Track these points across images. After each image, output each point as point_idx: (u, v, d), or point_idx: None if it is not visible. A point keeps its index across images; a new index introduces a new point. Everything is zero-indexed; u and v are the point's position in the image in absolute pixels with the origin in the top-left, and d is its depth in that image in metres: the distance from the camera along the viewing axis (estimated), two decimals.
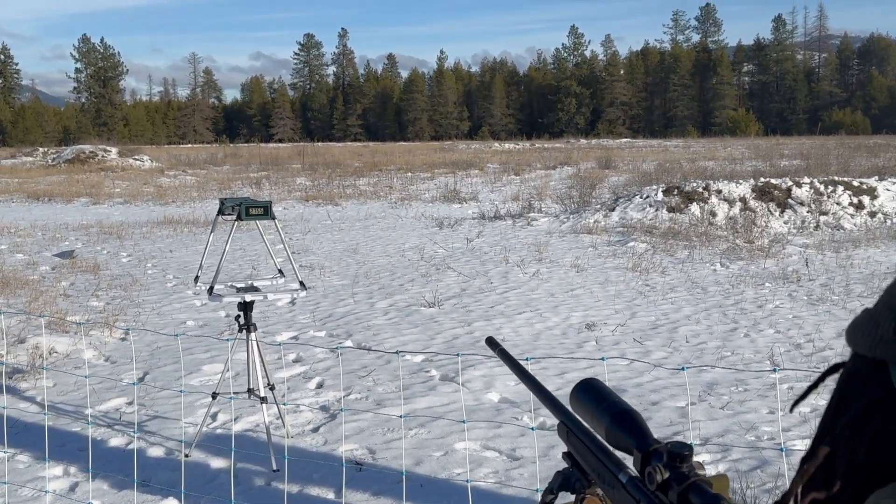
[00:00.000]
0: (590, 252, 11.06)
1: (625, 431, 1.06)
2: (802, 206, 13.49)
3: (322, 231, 14.10)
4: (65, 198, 21.57)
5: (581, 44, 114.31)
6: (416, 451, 4.36)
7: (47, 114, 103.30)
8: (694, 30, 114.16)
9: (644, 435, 1.05)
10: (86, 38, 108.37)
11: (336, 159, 37.37)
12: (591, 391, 1.15)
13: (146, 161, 36.48)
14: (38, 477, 4.12)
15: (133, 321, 7.54)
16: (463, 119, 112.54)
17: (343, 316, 7.66)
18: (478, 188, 22.14)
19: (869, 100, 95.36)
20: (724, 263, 9.93)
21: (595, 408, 1.12)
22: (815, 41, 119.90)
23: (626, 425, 1.07)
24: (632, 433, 1.06)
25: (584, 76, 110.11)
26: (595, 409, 1.12)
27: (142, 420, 4.95)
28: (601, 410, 1.11)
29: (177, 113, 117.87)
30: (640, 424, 1.07)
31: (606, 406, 1.11)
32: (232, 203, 4.24)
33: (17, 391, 5.54)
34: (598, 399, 1.13)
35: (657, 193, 14.43)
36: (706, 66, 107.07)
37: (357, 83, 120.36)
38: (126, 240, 13.21)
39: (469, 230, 13.60)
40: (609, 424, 1.09)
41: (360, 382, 5.58)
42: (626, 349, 6.29)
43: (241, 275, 9.70)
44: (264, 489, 3.98)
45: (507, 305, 7.94)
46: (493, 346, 1.46)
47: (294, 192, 21.94)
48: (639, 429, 1.06)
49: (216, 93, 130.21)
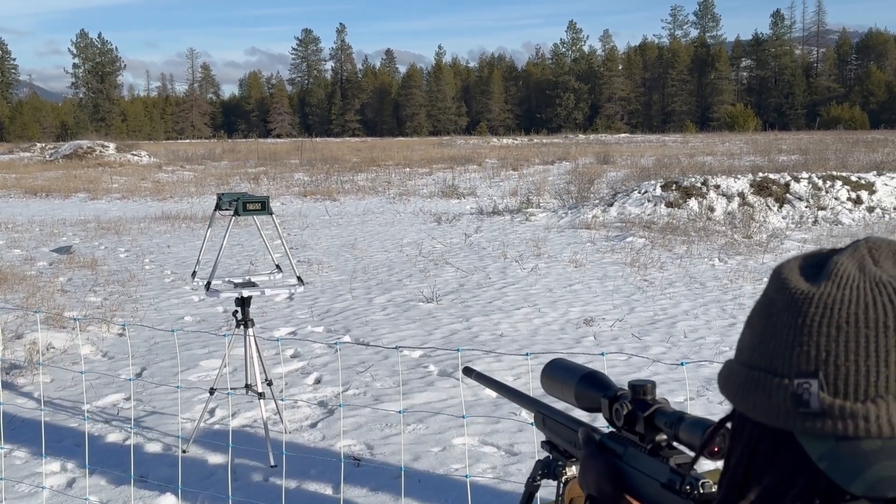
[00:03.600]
0: (588, 247, 11.06)
1: (591, 387, 1.15)
2: (801, 201, 13.49)
3: (320, 226, 14.08)
4: (62, 193, 21.52)
5: (579, 39, 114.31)
6: (415, 446, 4.35)
7: (45, 109, 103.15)
8: (692, 25, 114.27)
9: (608, 386, 1.14)
10: (83, 33, 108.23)
11: (334, 155, 37.33)
12: (558, 366, 1.25)
13: (144, 156, 36.43)
14: (35, 473, 4.11)
15: (130, 317, 7.53)
16: (461, 114, 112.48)
17: (341, 311, 7.65)
18: (476, 183, 22.12)
19: (867, 95, 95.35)
20: (723, 258, 9.93)
21: (564, 377, 1.21)
22: (813, 36, 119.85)
23: (591, 382, 1.16)
24: (598, 387, 1.14)
25: (583, 71, 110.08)
26: (564, 378, 1.21)
27: (139, 416, 4.94)
28: (569, 377, 1.20)
29: (175, 108, 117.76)
30: (604, 379, 1.16)
31: (572, 373, 1.20)
32: (229, 198, 4.23)
33: (14, 387, 5.52)
34: (564, 370, 1.23)
35: (655, 188, 14.42)
36: (704, 61, 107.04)
37: (355, 78, 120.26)
38: (124, 235, 13.19)
39: (467, 225, 13.59)
40: (577, 387, 1.17)
41: (358, 378, 5.57)
42: (625, 344, 6.29)
43: (238, 270, 9.69)
44: (262, 485, 3.97)
45: (505, 301, 7.93)
46: (470, 373, 1.61)
47: (292, 188, 21.92)
48: (602, 383, 1.15)
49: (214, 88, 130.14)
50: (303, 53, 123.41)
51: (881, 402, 0.65)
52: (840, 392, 0.66)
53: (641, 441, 1.04)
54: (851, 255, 0.72)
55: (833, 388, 0.67)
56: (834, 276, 0.70)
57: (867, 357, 0.66)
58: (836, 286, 0.69)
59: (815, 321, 0.69)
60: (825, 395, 0.67)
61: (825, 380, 0.67)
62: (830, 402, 0.66)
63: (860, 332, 0.67)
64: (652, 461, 1.01)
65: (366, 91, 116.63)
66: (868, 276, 0.69)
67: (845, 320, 0.67)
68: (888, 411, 0.64)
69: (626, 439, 1.07)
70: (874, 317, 0.67)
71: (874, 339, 0.66)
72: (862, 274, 0.70)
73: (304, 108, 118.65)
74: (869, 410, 0.65)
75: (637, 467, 1.03)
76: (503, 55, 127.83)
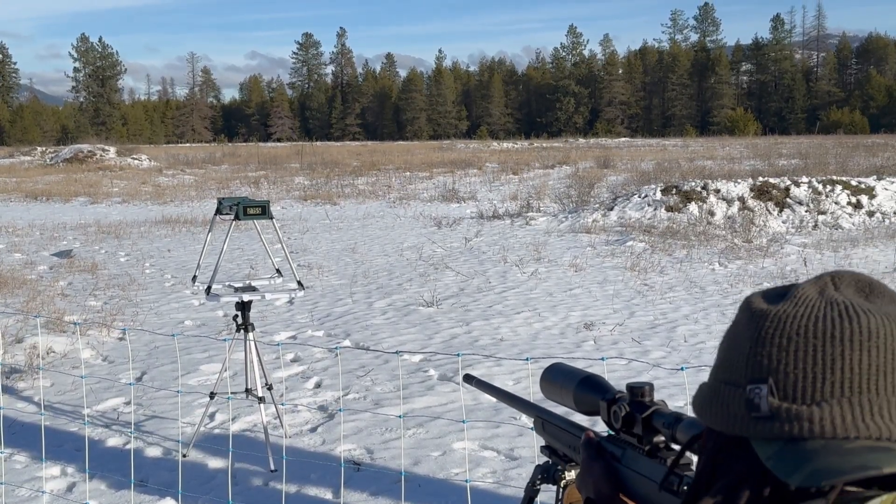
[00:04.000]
0: (588, 251, 11.06)
1: (589, 390, 1.16)
2: (801, 206, 13.50)
3: (320, 230, 14.09)
4: (63, 197, 21.54)
5: (579, 43, 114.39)
6: (415, 450, 4.35)
7: (45, 113, 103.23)
8: (692, 29, 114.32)
9: (606, 388, 1.15)
10: (84, 37, 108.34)
11: (334, 159, 37.34)
12: (557, 370, 1.26)
13: (144, 160, 36.45)
14: (35, 477, 4.11)
15: (131, 321, 7.53)
16: (461, 118, 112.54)
17: (341, 315, 7.65)
18: (476, 187, 22.13)
19: (867, 99, 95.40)
20: (723, 263, 9.93)
21: (563, 381, 1.23)
22: (813, 40, 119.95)
23: (590, 386, 1.17)
24: (595, 390, 1.16)
25: (583, 75, 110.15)
26: (562, 382, 1.22)
27: (139, 420, 4.94)
28: (568, 381, 1.21)
29: (175, 112, 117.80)
30: (602, 382, 1.17)
31: (571, 377, 1.21)
32: (230, 202, 4.23)
33: (14, 391, 5.52)
34: (564, 374, 1.24)
35: (655, 193, 14.42)
36: (704, 65, 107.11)
37: (355, 83, 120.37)
38: (124, 239, 13.19)
39: (467, 230, 13.59)
40: (575, 390, 1.19)
41: (358, 382, 5.57)
42: (625, 349, 6.29)
43: (239, 274, 9.69)
44: (262, 489, 3.97)
45: (505, 305, 7.93)
46: (470, 380, 1.63)
47: (292, 192, 21.92)
48: (600, 386, 1.17)
49: (214, 92, 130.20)
50: (303, 57, 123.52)
51: (825, 406, 0.70)
52: (788, 396, 0.72)
53: (640, 443, 1.05)
54: (814, 283, 0.78)
55: (782, 392, 0.73)
56: (793, 298, 0.77)
57: (814, 364, 0.72)
58: (792, 305, 0.76)
59: (769, 333, 0.75)
60: (774, 399, 0.73)
61: (775, 385, 0.73)
62: (778, 406, 0.72)
63: (808, 341, 0.72)
64: (650, 462, 1.02)
65: (366, 95, 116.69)
66: (825, 298, 0.75)
67: (796, 332, 0.73)
68: (831, 413, 0.70)
69: (625, 441, 1.08)
70: (822, 328, 0.72)
71: (821, 347, 0.72)
72: (820, 296, 0.76)
73: (304, 112, 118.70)
74: (813, 413, 0.70)
75: (635, 469, 1.03)
76: (503, 59, 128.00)
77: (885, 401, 0.70)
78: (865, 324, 0.72)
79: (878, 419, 0.69)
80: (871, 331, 0.71)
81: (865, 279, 0.78)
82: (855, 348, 0.71)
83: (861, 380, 0.70)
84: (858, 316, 0.72)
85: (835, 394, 0.71)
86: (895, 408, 0.70)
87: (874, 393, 0.70)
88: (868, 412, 0.69)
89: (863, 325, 0.72)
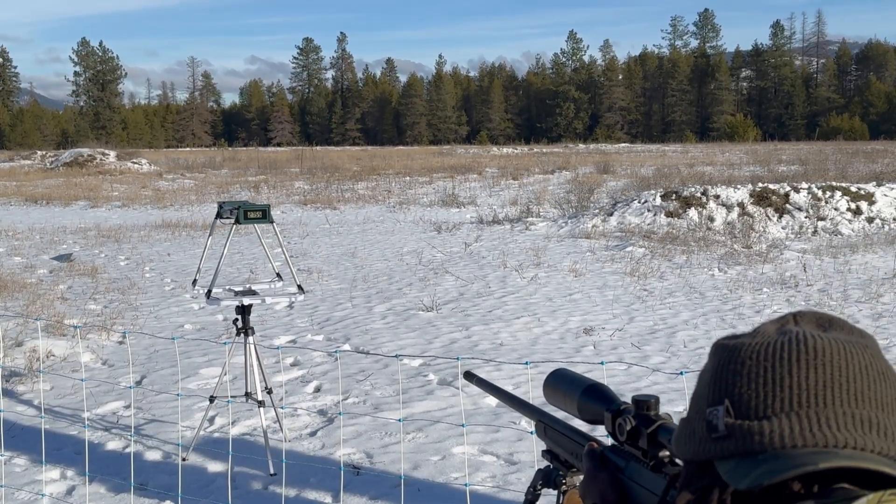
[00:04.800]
0: (588, 257, 11.07)
1: (594, 400, 1.16)
2: (800, 212, 13.51)
3: (320, 235, 14.10)
4: (63, 201, 21.55)
5: (579, 49, 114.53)
6: (414, 455, 4.36)
7: (45, 117, 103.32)
8: (692, 35, 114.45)
9: (612, 399, 1.14)
10: (85, 41, 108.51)
11: (334, 163, 37.37)
12: (562, 376, 1.25)
13: (144, 164, 36.47)
14: (34, 480, 4.12)
15: (131, 324, 7.53)
16: (461, 123, 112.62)
17: (341, 320, 7.66)
18: (476, 192, 22.14)
19: (867, 105, 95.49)
20: (722, 268, 9.94)
21: (567, 388, 1.22)
22: (813, 47, 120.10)
23: (595, 395, 1.16)
24: (601, 400, 1.15)
25: (583, 81, 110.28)
26: (567, 390, 1.21)
27: (139, 423, 4.94)
28: (572, 389, 1.20)
29: (175, 116, 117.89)
30: (607, 392, 1.16)
31: (576, 384, 1.20)
32: (230, 206, 4.24)
33: (14, 394, 5.53)
34: (568, 381, 1.23)
35: (655, 198, 14.44)
36: (704, 71, 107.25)
37: (356, 87, 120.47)
38: (124, 243, 13.20)
39: (467, 234, 13.60)
40: (580, 399, 1.17)
41: (357, 386, 5.58)
42: (624, 354, 6.29)
43: (239, 278, 9.70)
44: (261, 493, 3.97)
45: (505, 310, 7.94)
46: (471, 378, 1.61)
47: (292, 196, 21.94)
48: (606, 396, 1.15)
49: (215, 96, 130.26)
50: (303, 62, 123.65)
51: (774, 419, 0.74)
52: (742, 413, 0.77)
53: (644, 456, 1.03)
54: (777, 321, 0.84)
55: (736, 411, 0.77)
56: (754, 333, 0.82)
57: (765, 383, 0.76)
58: (751, 338, 0.81)
59: (727, 361, 0.80)
60: (729, 418, 0.77)
61: (731, 405, 0.78)
62: (732, 423, 0.77)
63: (759, 363, 0.78)
64: (654, 477, 1.01)
65: (366, 100, 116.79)
66: (782, 331, 0.81)
67: (748, 356, 0.79)
68: (780, 426, 0.74)
69: (629, 453, 1.07)
70: (772, 351, 0.77)
71: (771, 367, 0.77)
72: (778, 330, 0.81)
73: (304, 117, 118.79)
74: (763, 426, 0.74)
75: (639, 482, 1.03)
76: (503, 65, 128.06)
77: (831, 412, 0.73)
78: (812, 345, 0.76)
79: (826, 429, 0.72)
80: (818, 350, 0.76)
81: (827, 317, 0.83)
82: (802, 366, 0.75)
83: (808, 394, 0.74)
84: (807, 339, 0.77)
85: (784, 408, 0.74)
86: (842, 418, 0.73)
87: (822, 405, 0.74)
88: (815, 423, 0.73)
89: (809, 346, 0.76)
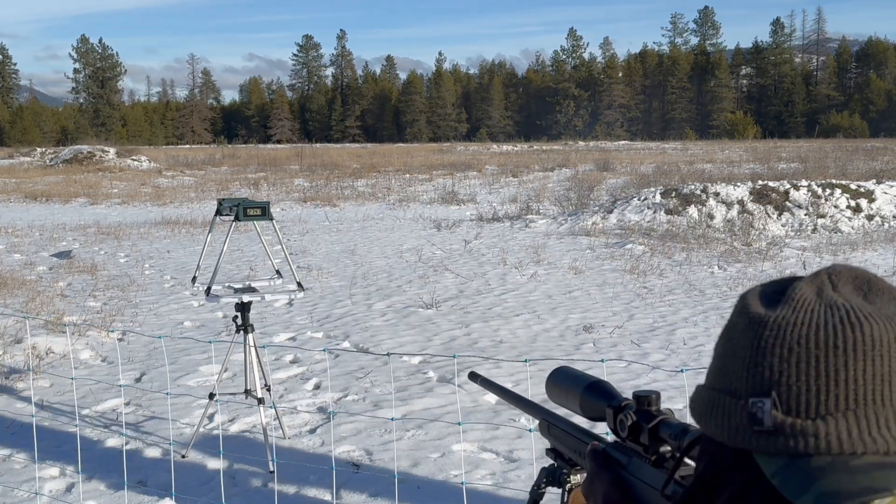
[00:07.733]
0: (587, 254, 11.06)
1: (596, 397, 1.15)
2: (800, 209, 13.50)
3: (320, 232, 14.09)
4: (62, 198, 21.53)
5: (579, 46, 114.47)
6: (413, 452, 4.35)
7: (45, 114, 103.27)
8: (692, 33, 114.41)
9: (613, 395, 1.13)
10: (84, 38, 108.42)
11: (334, 161, 37.35)
12: (564, 374, 1.24)
13: (144, 162, 36.45)
14: (33, 477, 4.11)
15: (130, 322, 7.53)
16: (461, 121, 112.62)
17: (340, 317, 7.65)
18: (476, 190, 22.14)
19: (867, 103, 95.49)
20: (722, 266, 9.93)
21: (569, 385, 1.21)
22: (813, 44, 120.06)
23: (597, 392, 1.15)
24: (602, 396, 1.14)
25: (583, 78, 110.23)
26: (569, 387, 1.20)
27: (138, 421, 4.94)
28: (574, 386, 1.19)
29: (175, 114, 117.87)
30: (609, 389, 1.15)
31: (578, 381, 1.19)
32: (230, 204, 4.24)
33: (13, 391, 5.52)
34: (570, 378, 1.22)
35: (655, 196, 14.43)
36: (704, 68, 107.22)
37: (355, 85, 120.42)
38: (124, 240, 13.19)
39: (467, 232, 13.59)
40: (582, 395, 1.17)
41: (357, 384, 5.57)
42: (624, 351, 6.29)
43: (238, 276, 9.69)
44: (260, 490, 3.97)
45: (504, 307, 7.93)
46: (475, 378, 1.60)
47: (292, 194, 21.93)
48: (608, 392, 1.15)
49: (214, 94, 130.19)
50: (303, 59, 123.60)
51: (830, 420, 0.68)
52: (791, 410, 0.70)
53: (646, 452, 1.04)
54: (811, 281, 0.75)
55: (785, 406, 0.70)
56: (791, 301, 0.74)
57: (817, 377, 0.69)
58: (791, 310, 0.73)
59: (769, 343, 0.72)
60: (777, 413, 0.70)
61: (778, 398, 0.70)
62: (782, 420, 0.70)
63: (811, 352, 0.70)
64: (655, 471, 1.01)
65: (366, 97, 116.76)
66: (824, 300, 0.72)
67: (797, 342, 0.71)
68: (836, 428, 0.67)
69: (631, 450, 1.07)
70: (824, 338, 0.70)
71: (824, 359, 0.69)
72: (818, 298, 0.73)
73: (304, 114, 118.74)
74: (818, 428, 0.68)
75: (640, 477, 1.03)
76: (503, 62, 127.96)
77: (890, 412, 0.68)
78: (868, 332, 0.69)
79: (885, 432, 0.67)
80: (875, 339, 0.69)
81: (863, 275, 0.76)
82: (859, 358, 0.69)
83: (866, 391, 0.68)
84: (861, 323, 0.70)
85: (839, 407, 0.68)
86: None
87: (879, 404, 0.68)
88: (875, 425, 0.67)
89: (865, 333, 0.69)
